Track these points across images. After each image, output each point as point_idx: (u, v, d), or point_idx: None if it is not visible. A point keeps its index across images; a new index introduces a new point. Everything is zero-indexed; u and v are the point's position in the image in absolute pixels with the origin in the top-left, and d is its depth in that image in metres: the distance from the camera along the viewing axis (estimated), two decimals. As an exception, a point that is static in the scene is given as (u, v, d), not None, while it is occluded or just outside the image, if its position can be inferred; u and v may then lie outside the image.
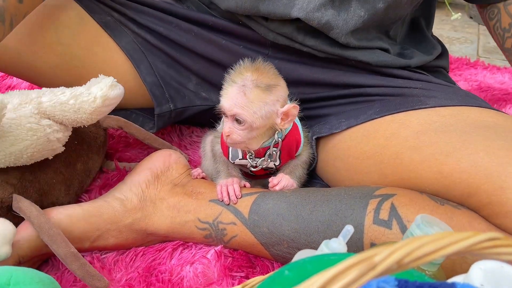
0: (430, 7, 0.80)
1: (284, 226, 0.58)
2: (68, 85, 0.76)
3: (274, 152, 0.62)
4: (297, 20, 0.67)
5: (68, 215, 0.59)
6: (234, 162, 0.64)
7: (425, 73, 0.73)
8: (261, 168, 0.66)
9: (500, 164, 0.48)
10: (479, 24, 1.82)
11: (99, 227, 0.61)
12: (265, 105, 0.56)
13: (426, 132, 0.58)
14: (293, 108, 0.58)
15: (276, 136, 0.61)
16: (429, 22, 0.82)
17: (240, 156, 0.63)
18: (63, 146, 0.63)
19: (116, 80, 0.61)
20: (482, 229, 0.48)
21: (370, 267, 0.20)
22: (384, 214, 0.53)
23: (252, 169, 0.64)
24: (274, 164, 0.64)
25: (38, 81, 0.82)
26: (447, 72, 0.80)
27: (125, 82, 0.78)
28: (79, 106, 0.59)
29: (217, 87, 0.76)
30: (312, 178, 0.73)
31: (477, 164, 0.50)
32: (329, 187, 0.72)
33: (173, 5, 0.79)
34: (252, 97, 0.56)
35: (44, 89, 0.61)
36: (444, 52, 0.79)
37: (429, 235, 0.21)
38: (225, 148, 0.64)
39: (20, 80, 1.04)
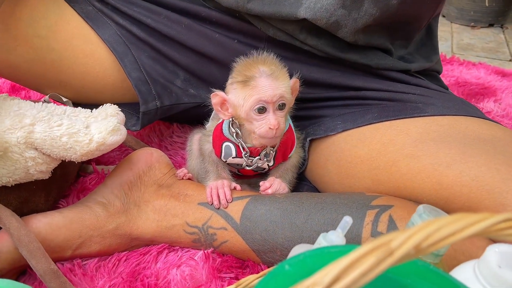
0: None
1: (278, 234, 0.56)
2: (45, 80, 0.70)
3: (271, 152, 0.61)
4: (303, 19, 0.63)
5: (48, 223, 0.56)
6: (226, 161, 0.62)
7: (422, 77, 0.72)
8: (251, 169, 0.64)
9: (502, 180, 0.48)
10: (451, 22, 1.86)
11: (81, 234, 0.58)
12: (289, 84, 0.58)
13: (425, 141, 0.57)
14: (296, 82, 0.60)
15: None
16: (437, 24, 0.80)
17: (234, 155, 0.61)
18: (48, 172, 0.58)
19: (120, 121, 0.55)
20: (483, 245, 0.47)
21: (387, 254, 0.19)
22: (382, 227, 0.52)
23: (247, 167, 0.62)
24: (268, 164, 0.62)
25: (12, 76, 0.77)
26: (439, 74, 0.79)
27: (107, 76, 0.75)
28: (71, 145, 0.53)
29: (207, 82, 0.74)
30: (301, 180, 0.71)
31: (479, 178, 0.49)
32: (317, 189, 0.70)
33: None
34: (282, 80, 0.56)
35: (42, 112, 0.55)
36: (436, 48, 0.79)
37: (444, 217, 0.20)
38: (217, 147, 0.62)
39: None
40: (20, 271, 0.57)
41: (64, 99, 0.74)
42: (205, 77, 0.74)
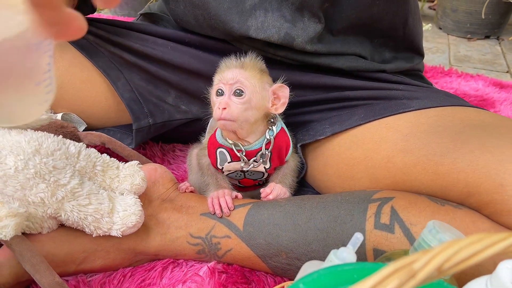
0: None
1: (282, 236, 0.56)
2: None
3: (266, 152, 0.61)
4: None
5: (51, 237, 0.56)
6: (222, 168, 0.63)
7: (402, 76, 0.74)
8: (250, 178, 0.65)
9: (497, 162, 0.48)
10: (448, 34, 1.88)
11: (85, 248, 0.57)
12: (261, 83, 0.58)
13: (415, 134, 0.57)
14: (280, 87, 0.59)
15: (267, 134, 0.61)
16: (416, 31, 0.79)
17: (229, 159, 0.62)
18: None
19: (140, 217, 0.57)
20: (487, 228, 0.48)
21: (410, 276, 0.19)
22: (385, 218, 0.52)
23: (245, 169, 0.62)
24: (265, 167, 0.63)
25: None
26: (421, 72, 0.81)
27: (103, 100, 0.80)
28: (92, 225, 0.55)
29: (197, 98, 0.76)
30: (303, 186, 0.72)
31: (474, 163, 0.50)
32: (321, 194, 0.71)
33: (149, 25, 0.80)
34: (251, 73, 0.58)
35: (75, 179, 0.54)
36: (420, 52, 0.79)
37: (465, 238, 0.20)
38: (212, 154, 0.62)
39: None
40: (24, 286, 0.57)
41: (75, 117, 0.78)
42: (195, 93, 0.77)
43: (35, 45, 0.30)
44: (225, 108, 0.56)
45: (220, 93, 0.58)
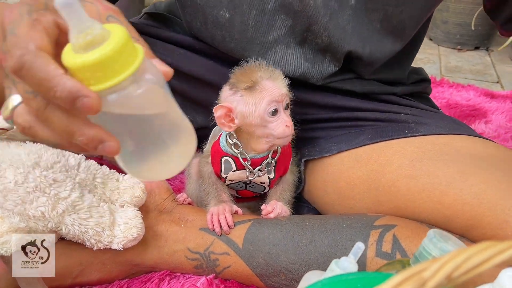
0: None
1: (282, 257, 0.55)
2: None
3: (272, 161, 0.61)
4: None
5: None
6: (226, 177, 0.62)
7: (411, 99, 0.74)
8: (251, 190, 0.64)
9: (502, 197, 0.48)
10: (438, 45, 1.91)
11: (82, 261, 0.57)
12: (287, 84, 0.59)
13: (422, 160, 0.57)
14: None
15: None
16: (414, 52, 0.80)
17: (234, 168, 0.61)
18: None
19: (141, 229, 0.56)
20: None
21: (420, 284, 0.19)
22: (387, 247, 0.51)
23: (250, 178, 0.62)
24: (269, 177, 0.62)
25: None
26: (428, 95, 0.81)
27: None
28: (92, 239, 0.54)
29: (203, 107, 0.75)
30: (299, 201, 0.72)
31: (479, 196, 0.50)
32: (317, 210, 0.70)
33: (159, 29, 0.77)
34: (281, 80, 0.58)
35: (75, 192, 0.54)
36: (426, 78, 0.80)
37: (472, 247, 0.20)
38: (217, 163, 0.62)
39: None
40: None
41: None
42: (201, 102, 0.75)
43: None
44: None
45: (274, 111, 0.56)
